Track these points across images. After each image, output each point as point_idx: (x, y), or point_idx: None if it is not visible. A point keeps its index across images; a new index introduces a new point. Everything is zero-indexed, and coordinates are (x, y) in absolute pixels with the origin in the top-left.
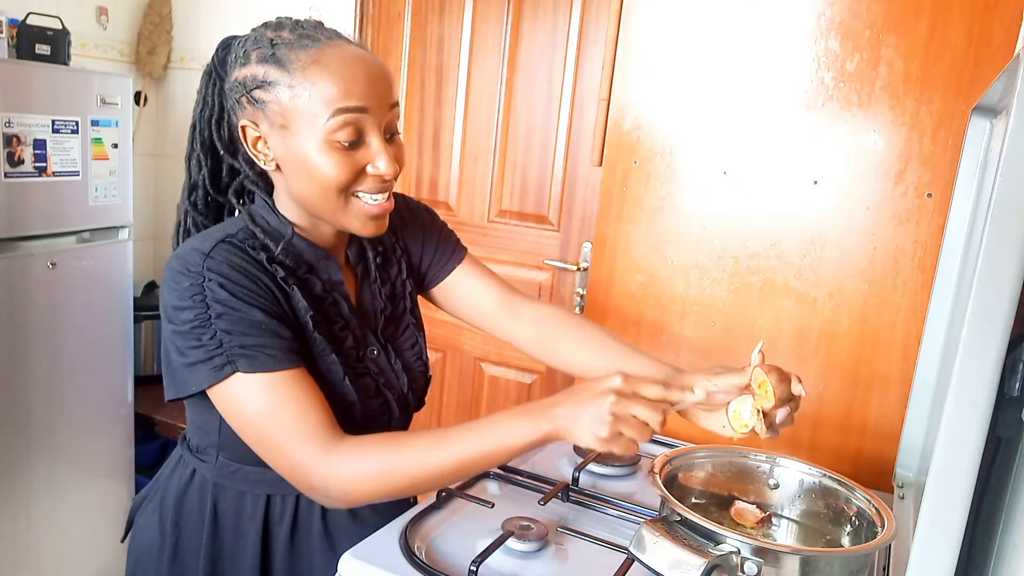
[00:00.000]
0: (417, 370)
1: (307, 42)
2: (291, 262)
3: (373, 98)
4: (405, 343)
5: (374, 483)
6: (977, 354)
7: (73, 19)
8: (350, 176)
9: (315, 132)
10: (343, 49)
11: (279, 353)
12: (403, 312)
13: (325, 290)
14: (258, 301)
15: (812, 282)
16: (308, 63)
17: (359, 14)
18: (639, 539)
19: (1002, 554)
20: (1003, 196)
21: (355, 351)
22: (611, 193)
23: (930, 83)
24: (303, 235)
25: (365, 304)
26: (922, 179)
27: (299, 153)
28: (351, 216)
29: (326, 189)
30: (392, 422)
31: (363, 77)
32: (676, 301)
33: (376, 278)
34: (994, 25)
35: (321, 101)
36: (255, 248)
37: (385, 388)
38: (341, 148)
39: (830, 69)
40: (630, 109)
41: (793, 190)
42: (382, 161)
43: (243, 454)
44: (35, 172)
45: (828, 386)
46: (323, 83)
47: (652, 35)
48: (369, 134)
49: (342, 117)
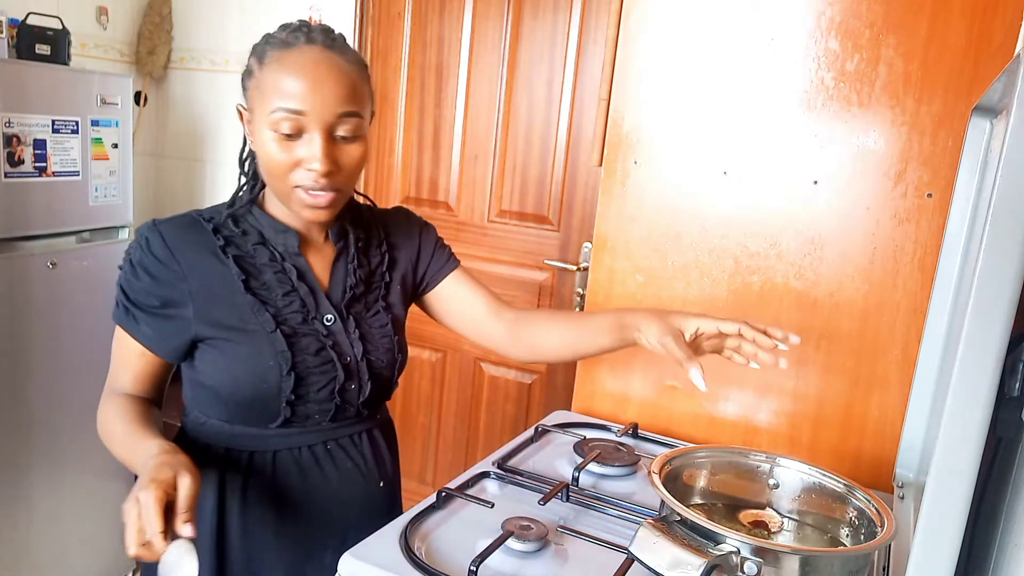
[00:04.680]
0: (382, 345)
1: (285, 43)
2: (242, 232)
3: (313, 104)
4: (373, 322)
5: (101, 434)
6: (977, 354)
7: (73, 19)
8: (287, 164)
9: (264, 119)
10: (307, 55)
11: (142, 324)
12: (376, 297)
13: (274, 259)
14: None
15: (812, 282)
16: (273, 61)
17: (359, 14)
18: (639, 539)
19: (1002, 554)
20: (1003, 196)
21: (301, 314)
22: (611, 193)
23: (930, 83)
24: (270, 211)
25: (335, 278)
26: (922, 179)
27: (256, 136)
28: (294, 202)
29: (269, 172)
30: (337, 384)
31: (310, 84)
32: (676, 301)
33: (354, 258)
34: (994, 25)
35: (271, 95)
36: (210, 220)
37: (331, 350)
38: (282, 137)
39: (830, 69)
40: (630, 109)
41: (793, 190)
42: (314, 159)
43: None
44: (35, 172)
45: (828, 386)
46: (275, 80)
47: (652, 35)
48: (310, 132)
49: (283, 114)
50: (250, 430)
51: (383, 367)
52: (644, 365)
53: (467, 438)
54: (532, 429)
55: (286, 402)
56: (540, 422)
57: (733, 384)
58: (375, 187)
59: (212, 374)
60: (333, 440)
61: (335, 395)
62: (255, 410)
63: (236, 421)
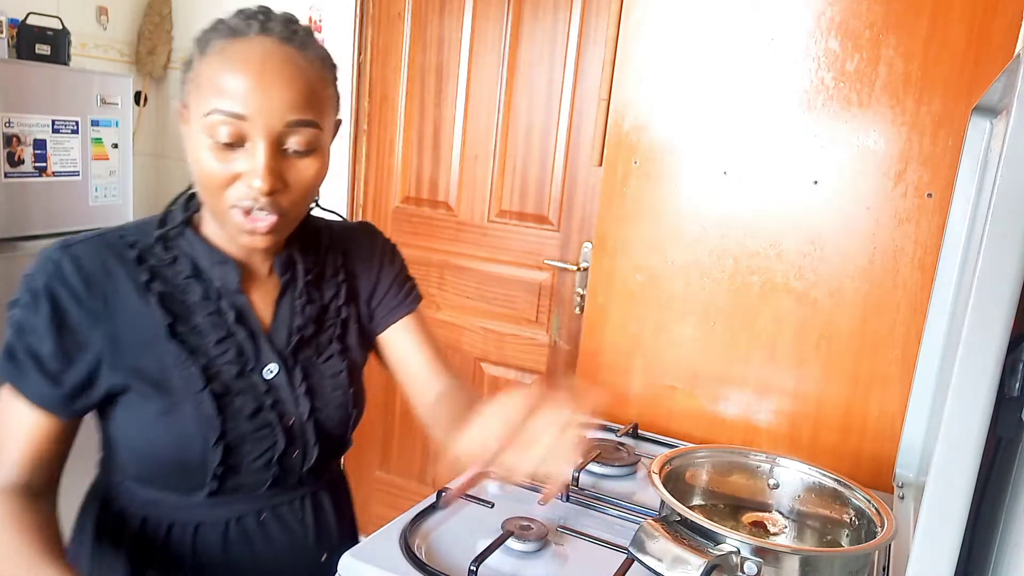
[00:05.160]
0: (333, 401)
1: (234, 30)
2: (173, 260)
3: (257, 109)
4: (325, 370)
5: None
6: (977, 354)
7: (73, 19)
8: (223, 177)
9: (198, 122)
10: (255, 47)
11: (38, 378)
12: (330, 339)
13: (209, 297)
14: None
15: (812, 282)
16: (216, 52)
17: (359, 14)
18: (639, 539)
19: (1002, 554)
20: (1003, 196)
21: (237, 366)
22: (611, 193)
23: (930, 83)
24: (206, 235)
25: (280, 318)
26: (922, 179)
27: (190, 141)
28: (229, 224)
29: (202, 186)
30: (276, 452)
31: (254, 82)
32: (676, 301)
33: (302, 294)
34: (994, 25)
35: (208, 93)
36: (132, 246)
37: (270, 410)
38: (218, 146)
39: (830, 69)
40: (630, 109)
41: (793, 190)
42: (255, 174)
43: (120, 465)
44: (35, 172)
45: (828, 386)
46: (214, 75)
47: (652, 35)
48: (252, 141)
49: (220, 117)
50: (170, 497)
51: (333, 426)
52: (644, 365)
53: None
54: None
55: (212, 475)
56: None
57: (733, 384)
58: (375, 187)
59: (125, 433)
60: (269, 509)
61: (273, 464)
62: (175, 478)
63: (154, 486)
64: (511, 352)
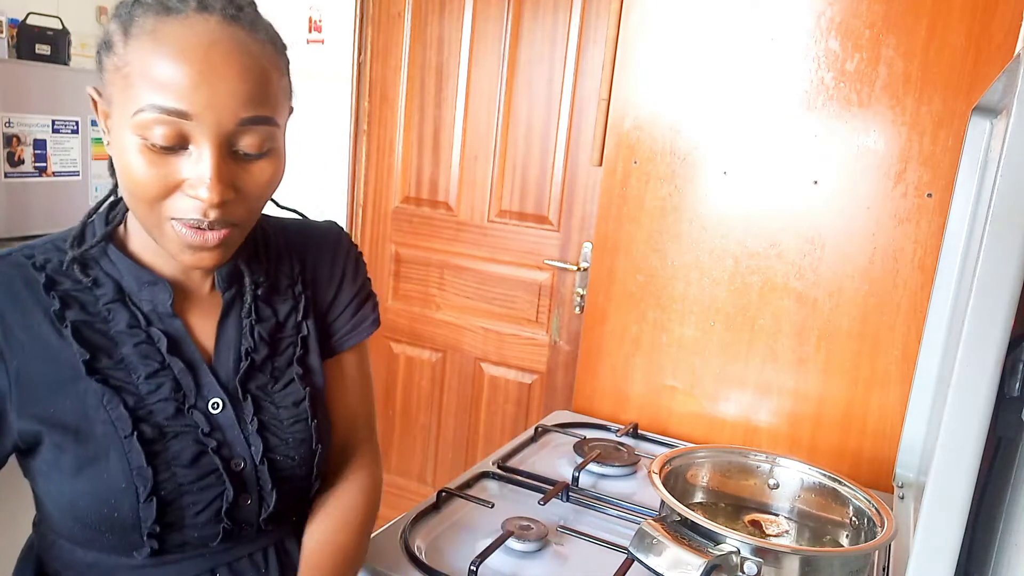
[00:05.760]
0: (293, 436)
1: (167, 7)
2: (93, 283)
3: (204, 105)
4: (283, 399)
5: None
6: (977, 354)
7: (73, 19)
8: (159, 187)
9: (127, 120)
10: (196, 29)
11: None
12: (288, 361)
13: (136, 324)
14: None
15: (812, 282)
16: (146, 32)
17: (359, 14)
18: (639, 539)
19: (1002, 554)
20: (1003, 196)
21: (174, 403)
22: (611, 193)
23: (930, 83)
24: (133, 250)
25: (224, 342)
26: (922, 179)
27: (116, 142)
28: (167, 239)
29: (133, 195)
30: (225, 503)
31: (201, 75)
32: (676, 301)
33: (251, 311)
34: (994, 25)
35: (139, 85)
36: (42, 268)
37: (214, 454)
38: (152, 150)
39: (830, 69)
40: (630, 109)
41: (793, 190)
42: (202, 183)
43: (52, 523)
44: (35, 172)
45: (828, 386)
46: (146, 63)
47: (652, 35)
48: (197, 144)
49: (155, 114)
50: (109, 559)
51: (294, 466)
52: (644, 365)
53: (467, 438)
54: (532, 429)
55: (148, 534)
56: (540, 422)
57: (733, 384)
58: (375, 187)
59: (45, 490)
60: (225, 567)
61: (222, 517)
62: (108, 538)
63: (90, 547)
64: (511, 352)
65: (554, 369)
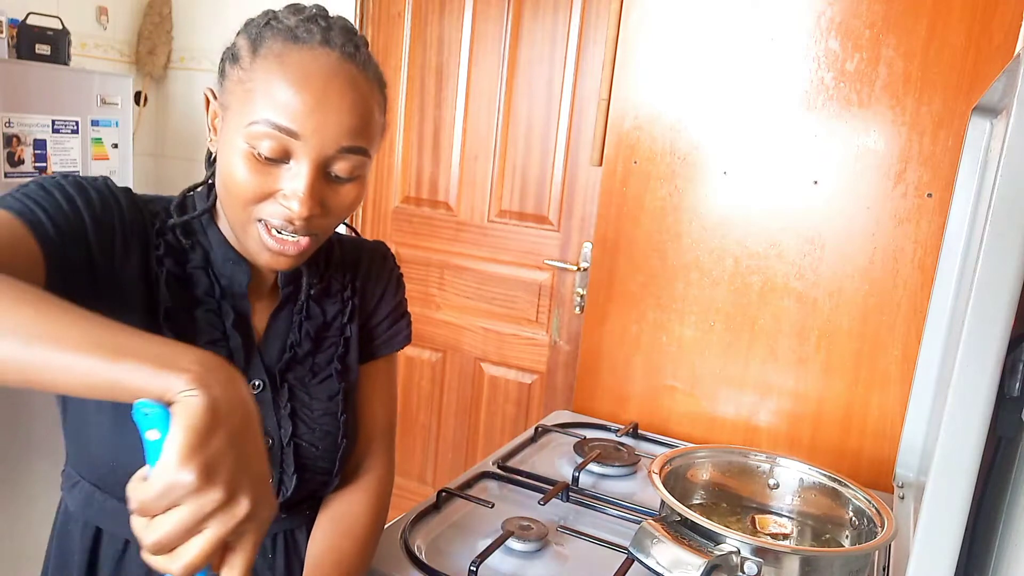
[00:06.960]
0: (320, 426)
1: (294, 35)
2: (190, 247)
3: (313, 129)
4: (318, 392)
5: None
6: (977, 354)
7: (73, 19)
8: (256, 192)
9: (240, 128)
10: (319, 62)
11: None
12: (329, 359)
13: (212, 294)
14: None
15: (812, 282)
16: (273, 55)
17: (359, 14)
18: (639, 539)
19: (1002, 554)
20: (1003, 196)
21: None
22: (611, 193)
23: (930, 83)
24: (224, 229)
25: (273, 332)
26: (922, 179)
27: (224, 143)
28: (250, 238)
29: (230, 194)
30: None
31: (315, 101)
32: (676, 301)
33: (303, 308)
34: (994, 25)
35: (259, 100)
36: (155, 216)
37: None
38: (257, 159)
39: (830, 69)
40: (630, 109)
41: (793, 190)
42: (295, 196)
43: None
44: (35, 172)
45: (828, 386)
46: (269, 83)
47: (652, 35)
48: (298, 160)
49: (267, 129)
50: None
51: (317, 456)
52: (644, 365)
53: (467, 438)
54: (532, 429)
55: None
56: (540, 422)
57: (733, 384)
58: (375, 187)
59: (79, 427)
60: None
61: None
62: None
63: (111, 491)
64: (511, 352)
65: (554, 369)
